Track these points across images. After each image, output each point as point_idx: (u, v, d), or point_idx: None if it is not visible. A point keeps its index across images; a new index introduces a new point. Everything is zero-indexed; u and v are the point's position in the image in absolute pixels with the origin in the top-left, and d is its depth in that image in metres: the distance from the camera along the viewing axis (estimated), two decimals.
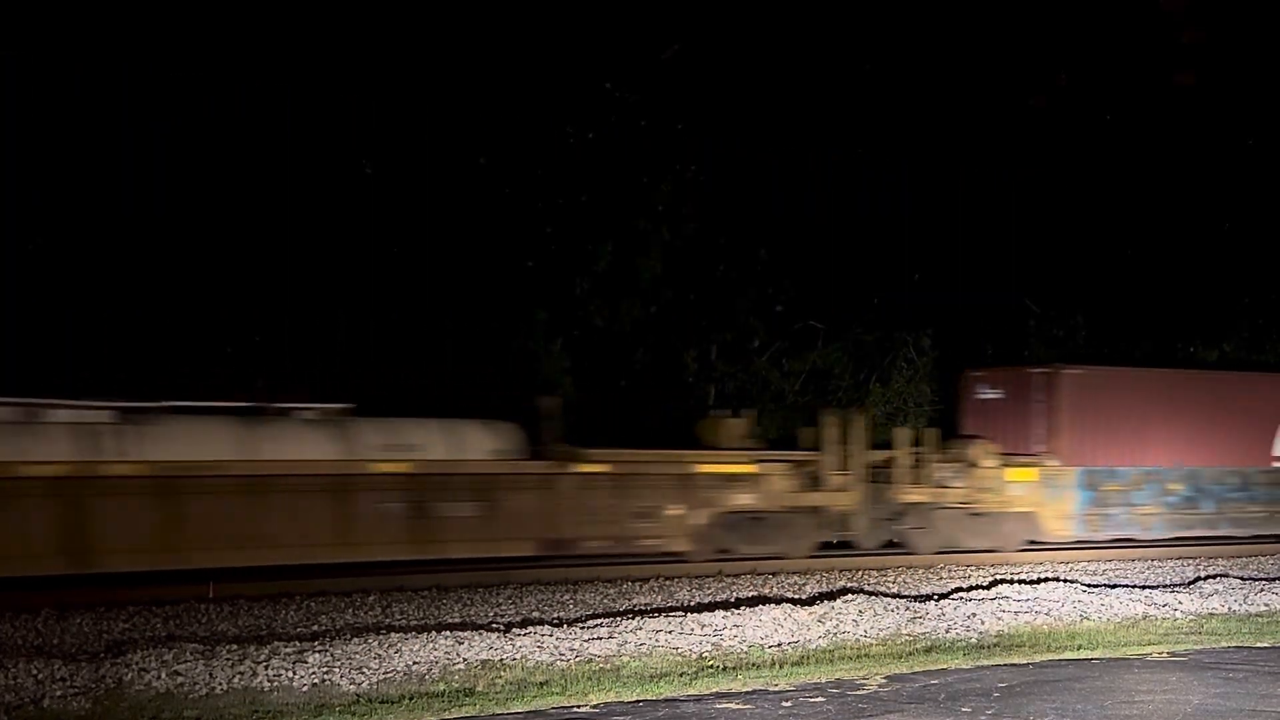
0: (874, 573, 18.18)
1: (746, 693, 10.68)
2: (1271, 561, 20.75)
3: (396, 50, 23.03)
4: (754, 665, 12.11)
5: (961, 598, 15.66)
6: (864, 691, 10.71)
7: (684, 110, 25.61)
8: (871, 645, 13.22)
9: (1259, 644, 13.53)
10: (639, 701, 10.34)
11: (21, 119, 20.16)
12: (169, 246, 21.00)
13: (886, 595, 15.62)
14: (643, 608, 14.78)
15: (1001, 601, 15.40)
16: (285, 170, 21.76)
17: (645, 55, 25.59)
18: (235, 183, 21.63)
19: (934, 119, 27.82)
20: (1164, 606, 15.77)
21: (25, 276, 20.07)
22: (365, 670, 11.18)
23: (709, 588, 16.41)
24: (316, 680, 10.87)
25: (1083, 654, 12.83)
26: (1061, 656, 12.67)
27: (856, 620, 13.99)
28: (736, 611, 13.93)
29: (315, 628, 13.29)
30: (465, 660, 11.69)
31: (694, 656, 12.42)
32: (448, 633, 12.40)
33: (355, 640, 11.96)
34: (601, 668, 11.81)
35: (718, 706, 10.09)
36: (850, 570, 18.33)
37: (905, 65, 27.54)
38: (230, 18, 21.55)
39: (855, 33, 27.16)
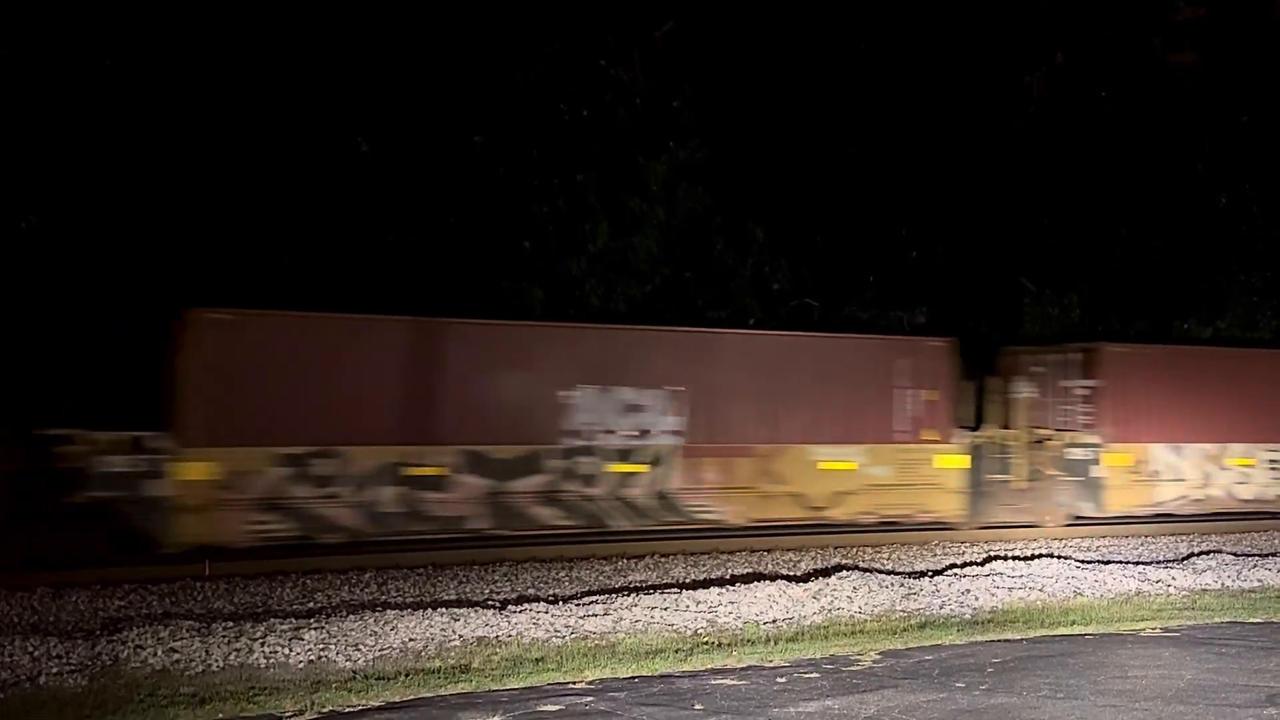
0: (869, 549, 18.27)
1: (741, 669, 10.71)
2: (1264, 537, 20.81)
3: (391, 30, 22.94)
4: (749, 641, 12.14)
5: (956, 574, 15.71)
6: (858, 667, 10.74)
7: (680, 89, 25.53)
8: (866, 621, 13.24)
9: (1252, 619, 13.56)
10: (634, 678, 10.37)
11: (21, 119, 20.10)
12: (166, 239, 20.95)
13: (881, 572, 15.67)
14: (638, 584, 14.85)
15: (995, 578, 15.45)
16: (282, 154, 21.69)
17: (641, 33, 25.51)
18: (229, 166, 21.55)
19: (930, 99, 27.74)
20: (1157, 582, 15.80)
21: (23, 275, 20.02)
22: (361, 647, 11.21)
23: (704, 565, 16.48)
24: (312, 657, 10.91)
25: (1076, 630, 12.85)
26: (1055, 632, 12.69)
27: (851, 597, 14.03)
28: (731, 588, 13.98)
29: (311, 605, 13.36)
30: (461, 637, 11.73)
31: (689, 633, 12.45)
32: (443, 610, 12.45)
33: (351, 617, 12.01)
34: (597, 644, 11.84)
35: (712, 683, 10.11)
36: (845, 547, 18.41)
37: (901, 41, 27.45)
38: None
39: (850, 10, 27.08)
